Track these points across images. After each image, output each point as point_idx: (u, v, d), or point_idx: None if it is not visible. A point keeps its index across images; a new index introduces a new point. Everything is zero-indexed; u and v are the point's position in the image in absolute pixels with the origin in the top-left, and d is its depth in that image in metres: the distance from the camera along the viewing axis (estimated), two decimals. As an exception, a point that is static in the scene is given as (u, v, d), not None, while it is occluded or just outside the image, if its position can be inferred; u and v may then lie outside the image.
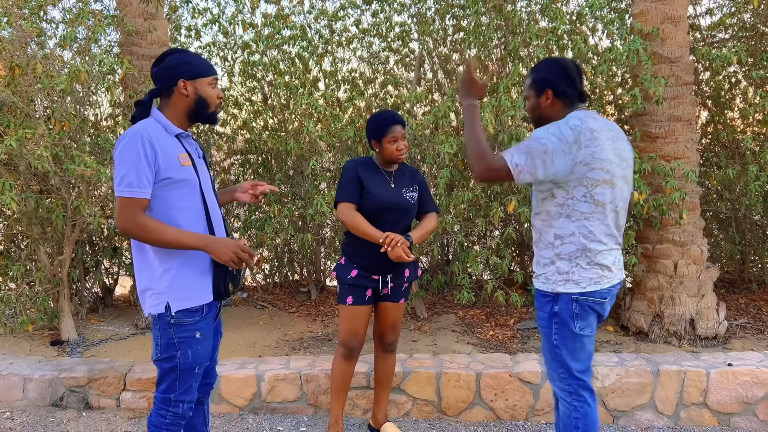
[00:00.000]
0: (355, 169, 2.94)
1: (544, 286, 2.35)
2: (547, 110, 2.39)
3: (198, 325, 2.22)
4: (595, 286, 2.28)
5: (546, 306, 2.35)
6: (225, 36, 5.61)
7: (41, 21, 4.37)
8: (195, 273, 2.21)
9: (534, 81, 2.40)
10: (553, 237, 2.31)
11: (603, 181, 2.24)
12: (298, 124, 5.21)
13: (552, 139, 2.18)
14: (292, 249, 5.67)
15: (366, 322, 2.99)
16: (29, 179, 4.13)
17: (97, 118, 4.76)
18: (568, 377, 2.35)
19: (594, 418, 2.36)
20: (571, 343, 2.32)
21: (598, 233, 2.27)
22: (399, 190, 2.97)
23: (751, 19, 5.02)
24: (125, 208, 2.09)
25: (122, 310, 5.26)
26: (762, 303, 4.95)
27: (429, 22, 5.18)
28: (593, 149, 2.21)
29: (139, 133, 2.10)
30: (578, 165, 2.20)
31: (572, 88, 2.34)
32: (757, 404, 3.32)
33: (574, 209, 2.26)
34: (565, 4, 4.87)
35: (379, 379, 3.20)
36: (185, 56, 2.23)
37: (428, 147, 4.48)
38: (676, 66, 4.22)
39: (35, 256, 4.37)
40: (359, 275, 2.94)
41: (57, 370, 3.72)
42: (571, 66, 2.35)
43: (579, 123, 2.23)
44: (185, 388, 2.26)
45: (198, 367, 2.26)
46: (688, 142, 4.24)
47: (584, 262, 2.27)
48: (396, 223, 2.93)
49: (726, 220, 5.35)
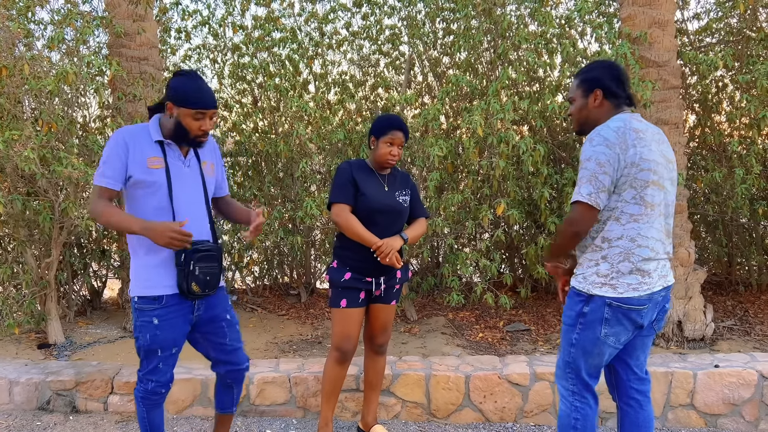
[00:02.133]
0: (350, 170, 2.93)
1: (579, 285, 2.30)
2: (594, 111, 2.35)
3: (156, 312, 2.44)
4: (633, 293, 2.21)
5: (576, 305, 2.30)
6: (215, 38, 5.60)
7: (29, 22, 4.34)
8: (153, 263, 2.43)
9: (583, 81, 2.36)
10: (601, 240, 2.27)
11: (652, 182, 2.21)
12: (288, 126, 5.20)
13: (599, 149, 2.16)
14: (282, 251, 5.66)
15: (359, 325, 2.99)
16: (16, 181, 4.09)
17: (86, 119, 4.73)
18: (575, 378, 2.33)
19: (593, 422, 2.33)
20: (591, 347, 2.27)
21: (646, 237, 2.23)
22: (392, 193, 2.97)
23: (737, 23, 5.08)
24: (93, 194, 2.42)
25: (110, 313, 5.23)
26: (749, 305, 4.99)
27: (419, 26, 5.20)
28: (640, 149, 2.18)
29: (120, 133, 2.40)
30: (627, 166, 2.17)
31: (622, 90, 2.32)
32: (744, 405, 3.35)
33: (623, 211, 2.22)
34: (554, 8, 4.90)
35: (369, 382, 3.19)
36: (184, 83, 2.39)
37: (418, 149, 4.49)
38: (663, 70, 4.25)
39: (22, 258, 4.34)
40: (353, 278, 2.93)
41: (44, 373, 3.69)
42: (621, 68, 2.34)
43: (622, 124, 2.20)
44: (151, 368, 2.51)
45: (160, 350, 2.47)
46: (676, 145, 4.27)
47: (626, 267, 2.22)
48: (389, 226, 2.93)
49: (713, 223, 5.40)
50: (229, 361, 2.68)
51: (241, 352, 2.71)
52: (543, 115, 4.24)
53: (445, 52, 5.36)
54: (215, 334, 2.62)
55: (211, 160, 2.65)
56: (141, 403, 2.57)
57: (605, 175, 2.16)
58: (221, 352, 2.65)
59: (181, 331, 2.51)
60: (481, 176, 4.52)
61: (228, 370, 2.70)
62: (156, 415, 2.61)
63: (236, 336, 2.68)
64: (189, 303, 2.51)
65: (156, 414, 2.61)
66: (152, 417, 2.60)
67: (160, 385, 2.54)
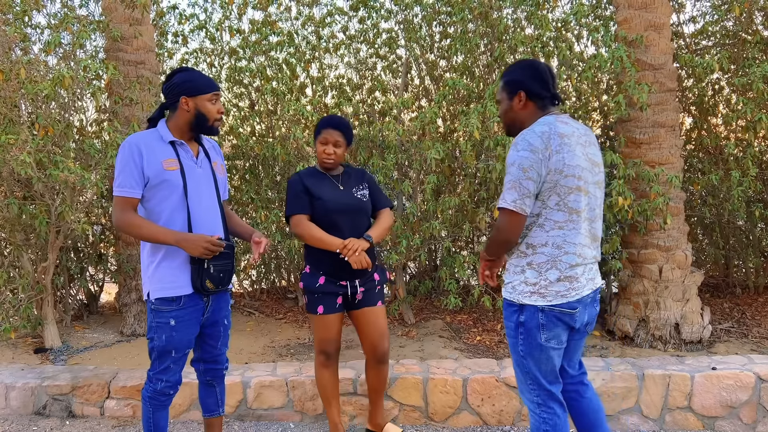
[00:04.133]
0: (299, 181, 2.93)
1: (510, 296, 2.30)
2: (520, 113, 2.34)
3: (174, 313, 2.51)
4: (561, 299, 2.22)
5: (512, 316, 2.30)
6: (212, 42, 5.60)
7: (26, 26, 4.34)
8: (172, 266, 2.50)
9: (507, 83, 2.35)
10: (525, 246, 2.26)
11: (576, 188, 2.20)
12: (286, 129, 5.20)
13: (523, 154, 2.16)
14: (279, 255, 5.65)
15: (339, 328, 2.98)
16: (12, 185, 4.09)
17: (82, 123, 4.73)
18: (537, 388, 2.32)
19: (565, 430, 2.32)
20: (537, 354, 2.27)
21: (573, 244, 2.22)
22: (348, 191, 2.95)
23: (733, 26, 5.09)
24: (116, 205, 2.45)
25: (107, 317, 5.21)
26: (746, 307, 4.99)
27: (416, 29, 5.20)
28: (564, 155, 2.17)
29: (128, 142, 2.45)
30: (551, 172, 2.16)
31: (545, 90, 2.30)
32: (741, 407, 3.35)
33: (548, 218, 2.21)
34: (550, 11, 4.91)
35: (374, 388, 3.14)
36: (189, 75, 2.51)
37: (415, 153, 4.49)
38: (659, 73, 4.26)
39: (18, 262, 4.33)
40: (327, 282, 2.92)
41: (40, 377, 3.68)
42: (544, 68, 2.31)
43: (547, 128, 2.19)
44: (162, 368, 2.57)
45: (174, 351, 2.54)
46: (672, 148, 4.28)
47: (554, 275, 2.22)
48: (352, 225, 2.91)
49: (710, 225, 5.40)
50: (211, 360, 2.77)
51: (224, 354, 2.81)
52: (540, 118, 4.24)
53: (442, 55, 5.37)
54: (212, 336, 2.72)
55: (220, 161, 2.74)
56: (148, 403, 2.62)
57: (529, 181, 2.16)
58: (209, 352, 2.75)
59: (194, 332, 2.60)
60: (478, 179, 4.52)
61: (208, 368, 2.78)
62: (161, 417, 2.66)
63: (227, 339, 2.79)
64: (202, 304, 2.59)
65: (161, 415, 2.66)
66: (158, 418, 2.66)
67: (170, 385, 2.60)
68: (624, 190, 3.93)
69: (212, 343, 2.73)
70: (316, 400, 3.53)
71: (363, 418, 3.51)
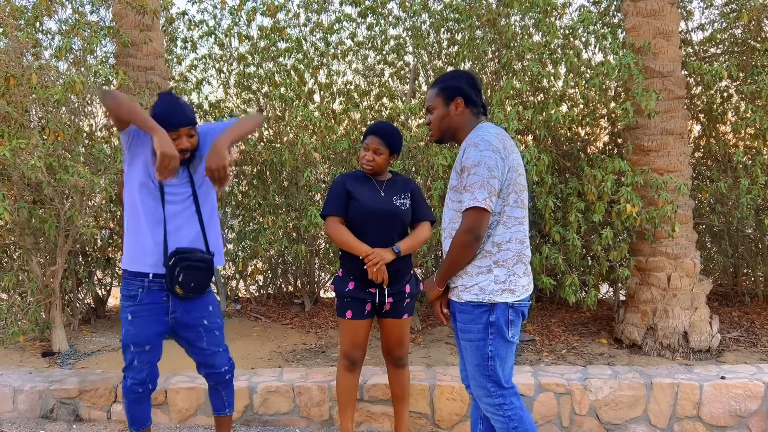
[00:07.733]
0: (342, 182, 2.94)
1: (478, 297, 2.27)
2: (456, 119, 2.37)
3: (130, 308, 2.61)
4: (525, 293, 2.32)
5: (481, 317, 2.28)
6: (221, 48, 5.63)
7: (37, 32, 4.38)
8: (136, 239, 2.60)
9: (443, 89, 2.37)
10: (491, 245, 2.28)
11: (523, 186, 2.32)
12: (293, 135, 5.22)
13: (487, 154, 2.20)
14: (286, 260, 5.66)
15: (366, 335, 2.97)
16: (22, 189, 4.12)
17: (92, 128, 4.76)
18: (498, 389, 2.32)
19: (529, 418, 2.35)
20: (504, 351, 2.31)
21: (527, 238, 2.35)
22: (389, 197, 2.93)
23: (742, 34, 5.08)
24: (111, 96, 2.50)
25: (115, 321, 5.23)
26: (755, 316, 4.96)
27: (424, 36, 5.22)
28: (515, 155, 2.28)
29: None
30: (509, 170, 2.25)
31: (479, 98, 2.38)
32: (750, 417, 3.32)
33: (510, 215, 2.28)
34: (558, 18, 4.91)
35: (396, 395, 3.11)
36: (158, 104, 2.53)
37: (422, 159, 4.49)
38: (668, 80, 4.26)
39: (27, 266, 4.35)
40: (356, 287, 2.91)
41: (48, 381, 3.69)
42: (477, 78, 2.41)
43: (498, 131, 2.27)
44: (126, 364, 2.66)
45: (132, 346, 2.62)
46: (681, 156, 4.27)
47: (521, 269, 2.31)
48: (383, 231, 2.88)
49: (719, 233, 5.37)
50: (207, 364, 2.81)
51: (220, 357, 2.81)
52: (547, 125, 4.24)
53: (450, 62, 5.38)
54: (194, 339, 2.75)
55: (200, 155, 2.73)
56: (125, 396, 2.73)
57: (495, 179, 2.21)
58: (200, 355, 2.79)
59: (153, 330, 2.64)
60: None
61: (207, 373, 2.83)
62: (138, 410, 2.73)
63: (215, 341, 2.79)
64: (163, 304, 2.64)
65: (138, 409, 2.73)
66: (134, 411, 2.74)
67: (137, 383, 2.66)
68: (632, 197, 3.92)
69: (198, 345, 2.76)
70: (322, 405, 3.52)
71: (368, 424, 3.51)
